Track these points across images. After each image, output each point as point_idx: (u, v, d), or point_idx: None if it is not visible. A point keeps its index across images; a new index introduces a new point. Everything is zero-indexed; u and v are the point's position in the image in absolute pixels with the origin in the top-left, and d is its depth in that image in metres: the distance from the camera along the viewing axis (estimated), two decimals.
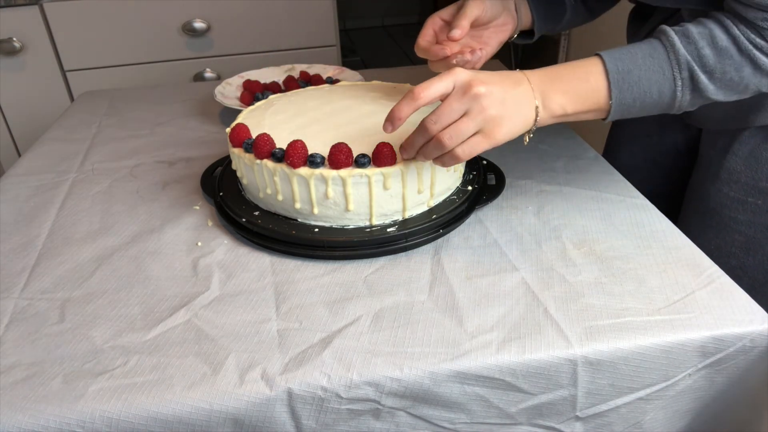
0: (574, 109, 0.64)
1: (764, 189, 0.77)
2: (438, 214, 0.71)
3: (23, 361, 0.55)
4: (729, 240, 0.81)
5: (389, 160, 0.66)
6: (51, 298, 0.64)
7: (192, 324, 0.59)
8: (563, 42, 2.18)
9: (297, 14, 1.69)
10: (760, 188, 0.77)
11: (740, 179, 0.79)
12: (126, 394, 0.51)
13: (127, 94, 1.25)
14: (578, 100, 0.64)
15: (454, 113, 0.60)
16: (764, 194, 0.77)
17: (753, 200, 0.78)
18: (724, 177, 0.80)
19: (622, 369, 0.56)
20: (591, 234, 0.71)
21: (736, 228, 0.80)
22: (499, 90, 0.60)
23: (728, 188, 0.80)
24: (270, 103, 0.84)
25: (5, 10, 1.54)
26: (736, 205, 0.80)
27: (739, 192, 0.79)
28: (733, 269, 0.80)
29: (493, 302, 0.61)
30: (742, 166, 0.78)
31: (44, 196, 0.85)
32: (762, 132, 0.76)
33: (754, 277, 0.81)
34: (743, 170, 0.78)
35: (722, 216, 0.81)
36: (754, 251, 0.80)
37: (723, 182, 0.80)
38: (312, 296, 0.63)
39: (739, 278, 0.77)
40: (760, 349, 0.57)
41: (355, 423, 0.55)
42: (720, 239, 0.82)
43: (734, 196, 0.79)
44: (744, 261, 0.81)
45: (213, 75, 1.71)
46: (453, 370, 0.54)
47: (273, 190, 0.70)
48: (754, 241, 0.79)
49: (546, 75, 0.64)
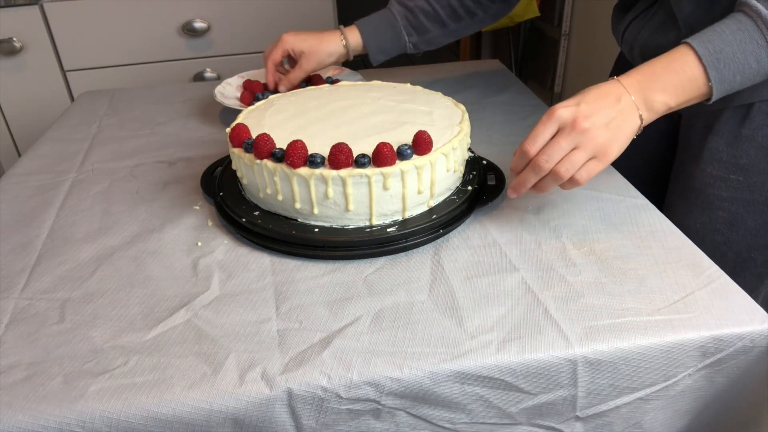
0: (677, 102, 0.66)
1: (745, 165, 0.80)
2: (438, 214, 0.71)
3: (23, 361, 0.55)
4: (714, 217, 0.84)
5: (389, 160, 0.66)
6: (51, 298, 0.64)
7: (192, 324, 0.59)
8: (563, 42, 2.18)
9: (297, 14, 1.69)
10: (740, 165, 0.80)
11: (722, 158, 0.81)
12: (126, 394, 0.51)
13: (127, 94, 1.25)
14: (679, 93, 0.66)
15: (563, 151, 0.63)
16: (745, 171, 0.80)
17: (734, 177, 0.81)
18: (707, 157, 0.83)
19: (622, 369, 0.56)
20: (591, 234, 0.71)
21: (719, 205, 0.83)
22: (602, 117, 0.63)
23: (711, 167, 0.82)
24: (270, 103, 0.84)
25: (5, 10, 1.54)
26: (719, 183, 0.82)
27: (721, 170, 0.81)
28: (718, 245, 0.84)
29: (493, 302, 0.61)
30: (723, 145, 0.81)
31: (44, 196, 0.85)
32: (740, 111, 0.78)
33: (738, 251, 0.84)
34: (724, 149, 0.81)
35: (706, 194, 0.84)
36: (737, 226, 0.82)
37: (705, 162, 0.83)
38: (312, 296, 0.63)
39: (724, 254, 0.83)
40: (760, 349, 0.57)
41: (355, 423, 0.55)
42: (705, 216, 0.84)
43: (717, 174, 0.82)
44: (728, 236, 0.83)
45: (213, 75, 1.71)
46: (453, 370, 0.54)
47: (273, 190, 0.70)
48: (737, 216, 0.82)
49: (643, 77, 0.66)
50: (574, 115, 0.62)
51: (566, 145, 0.63)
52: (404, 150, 0.67)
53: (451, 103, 0.82)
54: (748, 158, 0.79)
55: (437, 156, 0.69)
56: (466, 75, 1.27)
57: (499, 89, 1.18)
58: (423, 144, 0.68)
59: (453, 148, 0.71)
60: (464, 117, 0.77)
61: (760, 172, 0.79)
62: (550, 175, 0.64)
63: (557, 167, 0.63)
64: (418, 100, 0.83)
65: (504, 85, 1.20)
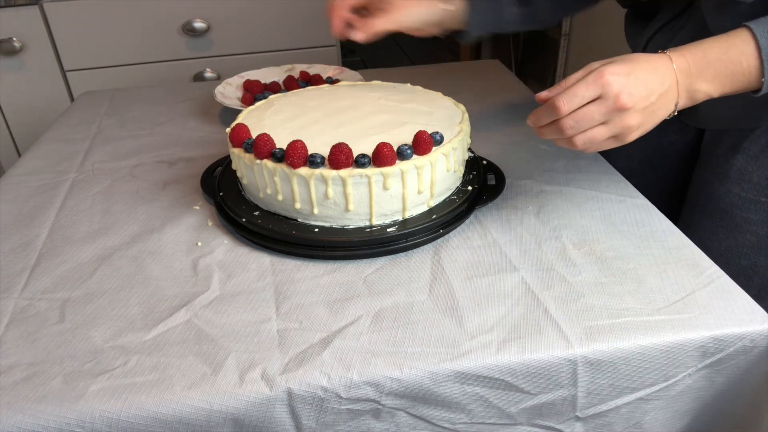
0: (721, 93, 0.62)
1: None
2: (438, 214, 0.71)
3: (23, 361, 0.55)
4: (741, 240, 0.79)
5: (389, 160, 0.66)
6: (51, 298, 0.64)
7: (192, 324, 0.59)
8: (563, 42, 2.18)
9: (297, 14, 1.69)
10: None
11: (752, 179, 0.77)
12: (126, 394, 0.51)
13: (127, 94, 1.25)
14: (727, 84, 0.61)
15: (593, 123, 0.59)
16: None
17: (766, 200, 0.76)
18: (734, 177, 0.78)
19: (622, 369, 0.56)
20: (591, 234, 0.71)
21: (748, 228, 0.78)
22: (644, 98, 0.58)
23: (739, 188, 0.78)
24: (270, 103, 0.84)
25: (5, 10, 1.54)
26: (748, 205, 0.78)
27: (751, 191, 0.77)
28: (744, 269, 0.79)
29: (493, 302, 0.61)
30: (754, 165, 0.76)
31: (44, 196, 0.85)
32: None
33: (765, 276, 0.79)
34: (755, 169, 0.76)
35: (734, 216, 0.79)
36: (766, 250, 0.78)
37: (733, 182, 0.78)
38: (312, 296, 0.63)
39: (749, 278, 0.78)
40: (760, 349, 0.57)
41: (355, 423, 0.55)
42: (731, 240, 0.80)
43: (746, 196, 0.78)
44: (756, 261, 0.79)
45: (213, 75, 1.71)
46: (453, 370, 0.54)
47: (273, 190, 0.70)
48: (767, 240, 0.78)
49: (696, 60, 0.60)
50: (621, 88, 0.57)
51: (599, 118, 0.59)
52: (404, 150, 0.67)
53: (451, 103, 0.82)
54: None
55: (437, 156, 0.69)
56: (466, 75, 1.27)
57: (499, 89, 1.18)
58: (423, 144, 0.68)
59: (453, 148, 0.71)
60: (464, 117, 0.77)
61: None
62: (566, 139, 0.61)
63: (577, 138, 0.60)
64: (418, 100, 0.83)
65: (504, 85, 1.20)
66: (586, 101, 0.59)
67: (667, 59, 0.60)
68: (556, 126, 0.61)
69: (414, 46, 3.19)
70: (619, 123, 0.59)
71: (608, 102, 0.58)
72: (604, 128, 0.59)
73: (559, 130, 0.60)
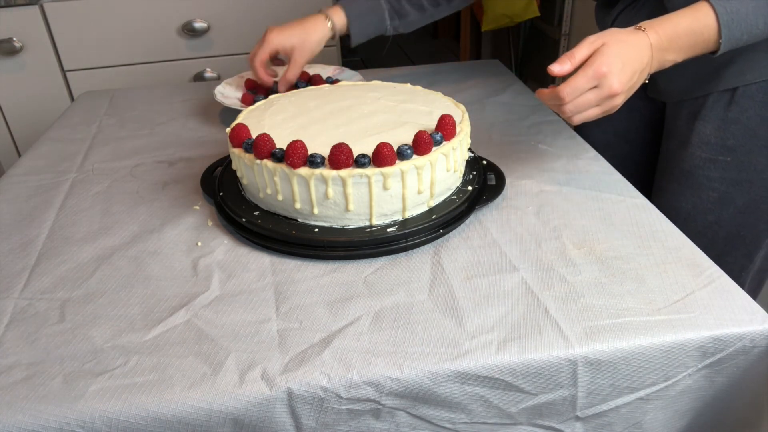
0: (684, 59, 0.71)
1: (732, 147, 0.85)
2: (438, 214, 0.71)
3: (23, 361, 0.55)
4: (704, 197, 0.89)
5: (389, 160, 0.66)
6: (51, 298, 0.64)
7: (192, 324, 0.59)
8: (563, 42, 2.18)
9: (297, 14, 1.68)
10: (728, 146, 0.85)
11: (710, 141, 0.86)
12: (126, 394, 0.51)
13: (127, 94, 1.25)
14: (689, 52, 0.71)
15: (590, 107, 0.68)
16: (732, 151, 0.85)
17: (723, 158, 0.86)
18: (695, 141, 0.88)
19: (622, 369, 0.56)
20: (591, 234, 0.71)
21: (709, 185, 0.88)
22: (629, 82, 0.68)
23: (700, 150, 0.87)
24: (270, 103, 0.84)
25: (5, 10, 1.54)
26: (708, 165, 0.87)
27: (710, 152, 0.86)
28: (709, 225, 0.89)
29: (493, 302, 0.61)
30: (711, 128, 0.86)
31: (44, 196, 0.85)
32: (725, 96, 0.84)
33: (728, 230, 0.88)
34: (712, 132, 0.86)
35: (696, 176, 0.89)
36: (727, 205, 0.87)
37: (694, 146, 0.88)
38: (312, 296, 0.63)
39: (715, 233, 0.89)
40: (760, 349, 0.57)
41: (355, 423, 0.55)
42: (696, 197, 0.89)
43: (706, 157, 0.87)
44: (719, 215, 0.88)
45: (213, 75, 1.71)
46: (453, 370, 0.54)
47: (273, 190, 0.70)
48: (727, 195, 0.87)
49: (667, 35, 0.69)
50: (614, 79, 0.66)
51: (595, 103, 0.68)
52: (404, 150, 0.67)
53: (451, 103, 0.82)
54: (735, 140, 0.84)
55: (437, 156, 0.69)
56: (466, 75, 1.27)
57: (499, 89, 1.18)
58: (423, 144, 0.68)
59: (453, 148, 0.71)
60: (464, 117, 0.77)
61: (746, 152, 0.84)
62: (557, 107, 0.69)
63: (574, 117, 0.69)
64: (418, 100, 0.83)
65: (504, 85, 1.20)
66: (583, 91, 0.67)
67: (645, 37, 0.69)
68: (558, 109, 0.70)
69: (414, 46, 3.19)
70: (609, 104, 0.69)
71: (603, 91, 0.67)
72: (597, 109, 0.69)
73: (561, 112, 0.70)
